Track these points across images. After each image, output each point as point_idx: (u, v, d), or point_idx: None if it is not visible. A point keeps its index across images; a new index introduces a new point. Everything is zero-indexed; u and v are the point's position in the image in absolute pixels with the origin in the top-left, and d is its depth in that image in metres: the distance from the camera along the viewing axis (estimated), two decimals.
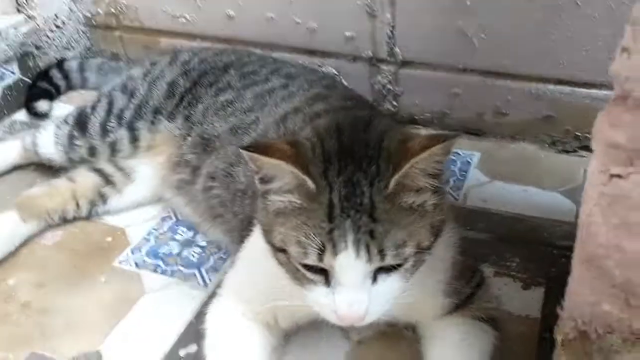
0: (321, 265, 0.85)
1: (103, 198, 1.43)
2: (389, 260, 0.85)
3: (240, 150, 0.85)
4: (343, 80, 1.67)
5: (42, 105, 1.77)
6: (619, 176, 0.64)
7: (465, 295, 1.07)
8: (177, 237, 1.40)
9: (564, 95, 1.51)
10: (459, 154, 1.59)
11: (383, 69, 1.66)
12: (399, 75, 1.65)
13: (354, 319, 0.86)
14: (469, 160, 1.57)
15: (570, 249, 1.27)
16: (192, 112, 1.40)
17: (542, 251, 1.29)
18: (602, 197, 0.67)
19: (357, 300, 0.85)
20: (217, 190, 1.28)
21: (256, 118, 1.29)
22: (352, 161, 0.86)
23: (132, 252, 1.36)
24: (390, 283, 0.87)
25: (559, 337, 0.80)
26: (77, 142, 1.47)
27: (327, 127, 0.92)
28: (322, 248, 0.83)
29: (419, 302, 0.97)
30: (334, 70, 1.69)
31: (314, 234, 0.83)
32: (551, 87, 1.52)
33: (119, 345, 1.16)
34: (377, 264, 0.84)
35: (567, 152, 1.57)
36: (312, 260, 0.85)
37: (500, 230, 1.37)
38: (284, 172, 0.85)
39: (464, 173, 1.53)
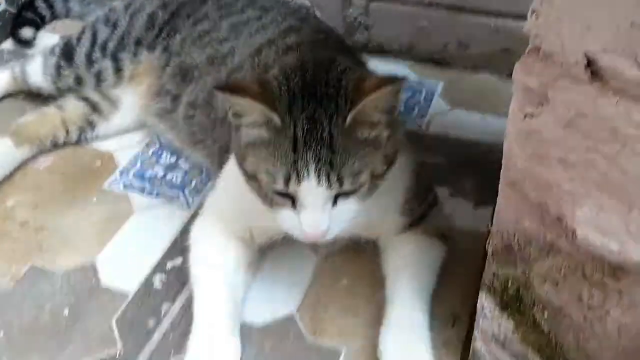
0: (287, 191, 0.97)
1: (91, 125, 1.53)
2: (346, 187, 0.97)
3: (214, 90, 0.96)
4: (317, 12, 1.74)
5: (26, 32, 1.83)
6: (531, 115, 0.76)
7: (419, 214, 1.20)
8: (161, 161, 1.50)
9: (521, 30, 1.59)
10: (423, 84, 1.69)
11: (354, 2, 1.73)
12: (369, 8, 1.72)
13: (316, 237, 1.00)
14: (433, 89, 1.68)
15: None
16: (170, 42, 1.48)
17: (494, 172, 1.40)
18: (519, 133, 0.79)
19: (319, 220, 0.98)
20: (198, 118, 1.38)
21: (232, 48, 1.37)
22: (314, 98, 0.97)
23: (120, 175, 1.46)
24: (348, 205, 1.00)
25: (489, 249, 0.94)
26: (65, 72, 1.55)
27: (293, 67, 1.02)
28: (288, 176, 0.95)
29: (378, 221, 1.11)
30: (307, 2, 1.76)
31: (280, 164, 0.95)
32: (509, 21, 1.61)
33: (112, 259, 1.28)
34: (336, 190, 0.96)
35: None
36: (279, 186, 0.97)
37: (458, 154, 1.49)
38: (253, 109, 0.95)
39: (428, 102, 1.64)
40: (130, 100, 1.53)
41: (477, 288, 1.00)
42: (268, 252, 1.27)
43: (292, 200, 0.99)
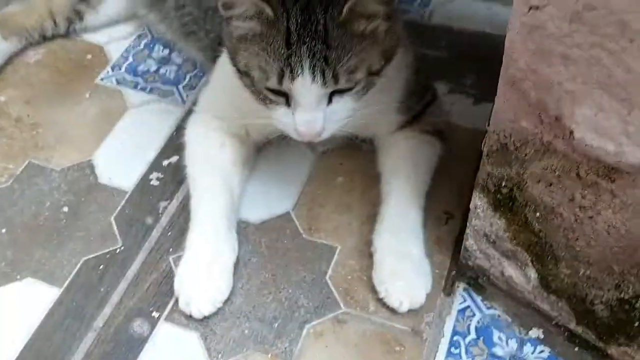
0: (281, 88, 0.94)
1: (79, 15, 1.47)
2: (342, 84, 0.94)
3: None
4: None
5: None
6: (536, 7, 0.71)
7: (417, 111, 1.18)
8: (154, 54, 1.46)
9: None
10: None
11: None
12: None
13: (311, 135, 0.98)
14: None
15: None
16: None
17: (497, 69, 1.37)
18: (523, 26, 0.75)
19: (313, 118, 0.96)
20: (189, 8, 1.33)
21: None
22: None
23: (112, 69, 1.43)
24: (343, 103, 0.97)
25: (485, 149, 0.93)
26: None
27: None
28: (281, 73, 0.92)
29: (374, 119, 1.08)
30: None
31: (273, 60, 0.92)
32: None
33: (108, 156, 1.28)
34: (331, 87, 0.93)
35: None
36: (272, 84, 0.94)
37: (461, 48, 1.43)
38: (244, 0, 0.90)
39: None
40: None
41: (472, 187, 0.99)
42: (264, 150, 1.26)
43: (286, 98, 0.96)
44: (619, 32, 0.67)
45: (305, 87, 0.92)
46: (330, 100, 0.96)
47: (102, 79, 1.41)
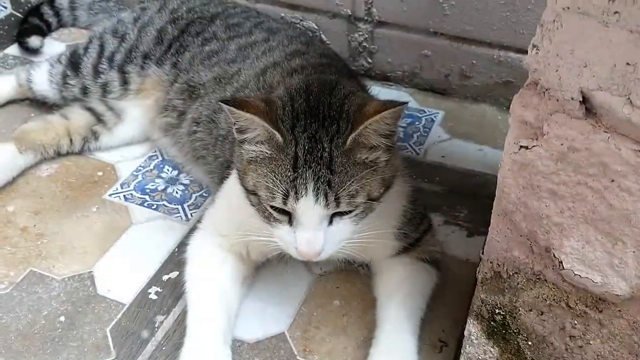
0: (285, 207, 0.99)
1: (95, 135, 1.55)
2: (343, 207, 1.00)
3: (220, 104, 0.99)
4: (322, 36, 1.79)
5: (34, 41, 1.85)
6: (526, 147, 0.79)
7: (413, 239, 1.23)
8: (163, 175, 1.53)
9: (523, 63, 1.63)
10: (424, 111, 1.73)
11: (360, 27, 1.77)
12: (374, 34, 1.76)
13: (311, 255, 1.02)
14: (433, 118, 1.71)
15: None
16: (179, 59, 1.51)
17: (488, 204, 1.42)
18: (514, 164, 0.81)
19: (314, 238, 1.00)
20: (201, 134, 1.41)
21: (238, 70, 1.41)
22: (316, 120, 1.00)
23: (121, 187, 1.49)
24: (343, 226, 1.03)
25: (479, 276, 0.97)
26: (71, 82, 1.58)
27: (298, 88, 1.05)
28: (287, 193, 0.98)
29: (372, 243, 1.11)
30: (314, 25, 1.80)
31: (280, 181, 0.98)
32: (512, 54, 1.65)
33: (109, 269, 1.30)
34: (332, 209, 0.99)
35: None
36: (278, 203, 0.99)
37: (454, 184, 1.51)
38: (256, 125, 0.98)
39: (427, 130, 1.67)
40: (136, 113, 1.56)
41: (466, 314, 1.02)
42: (263, 268, 1.29)
43: (290, 217, 1.01)
44: (601, 172, 0.74)
45: (308, 207, 0.98)
46: (330, 222, 1.01)
47: (110, 195, 1.47)
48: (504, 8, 1.59)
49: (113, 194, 1.47)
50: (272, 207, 1.02)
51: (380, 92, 1.47)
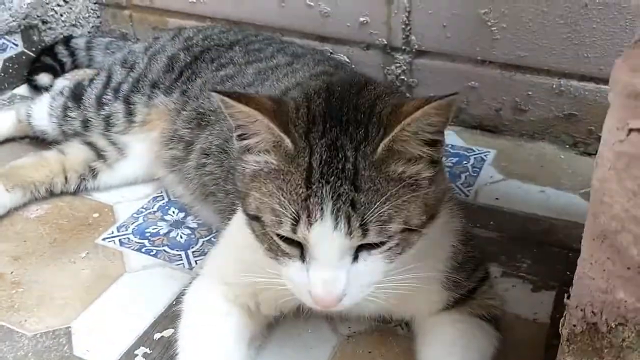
0: (295, 237, 0.76)
1: (93, 172, 1.37)
2: (372, 237, 0.76)
3: (212, 93, 0.78)
4: (354, 68, 1.59)
5: (43, 78, 1.72)
6: (639, 131, 0.55)
7: (466, 289, 0.98)
8: (167, 217, 1.33)
9: (588, 93, 1.41)
10: (472, 150, 1.50)
11: (397, 58, 1.57)
12: (413, 65, 1.56)
13: (329, 301, 0.78)
14: (484, 157, 1.48)
15: None
16: (190, 86, 1.34)
17: (555, 253, 1.20)
18: (619, 158, 0.57)
19: (333, 278, 0.76)
20: (210, 167, 1.22)
21: (256, 92, 1.22)
22: (338, 124, 0.78)
23: (118, 230, 1.29)
24: (372, 263, 0.79)
25: (564, 332, 0.71)
26: (71, 114, 1.42)
27: (317, 89, 0.85)
28: (297, 217, 0.75)
29: (415, 293, 0.87)
30: (345, 58, 1.62)
31: (288, 201, 0.75)
32: (575, 83, 1.42)
33: (91, 324, 1.09)
34: (357, 239, 0.75)
35: (589, 154, 1.46)
36: (285, 230, 0.77)
37: (511, 229, 1.27)
38: (260, 127, 0.78)
39: (476, 170, 1.44)
40: (140, 148, 1.38)
41: None
42: (276, 327, 1.05)
43: (302, 250, 0.78)
44: None
45: (325, 236, 0.75)
46: (355, 258, 0.78)
47: (104, 239, 1.27)
48: (564, 29, 1.38)
49: (107, 237, 1.27)
50: (279, 236, 0.79)
51: None
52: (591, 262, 0.65)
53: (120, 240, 1.26)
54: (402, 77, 1.58)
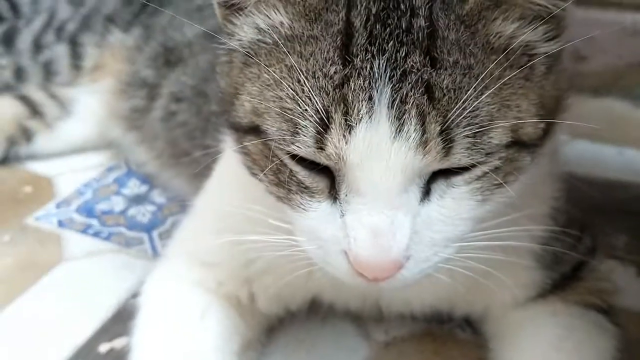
0: (321, 156, 0.46)
1: (27, 134, 1.10)
2: (460, 155, 0.46)
3: None
4: None
5: None
6: None
7: (570, 267, 0.67)
8: (125, 191, 1.05)
9: None
10: None
11: None
12: None
13: (383, 267, 0.48)
14: None
15: None
16: (154, 20, 1.08)
17: None
18: None
19: (389, 225, 0.47)
20: (183, 116, 0.96)
21: None
22: None
23: (57, 207, 1.01)
24: (455, 203, 0.49)
25: None
26: (1, 62, 1.13)
27: None
28: (325, 118, 0.45)
29: (493, 272, 0.57)
30: None
31: (310, 90, 0.45)
32: None
33: (13, 333, 0.80)
34: (436, 159, 0.46)
35: None
36: (304, 143, 0.46)
37: (594, 199, 0.96)
38: None
39: None
40: (89, 102, 1.11)
41: None
42: (280, 331, 0.74)
43: (332, 181, 0.48)
44: None
45: (377, 149, 0.45)
46: (427, 193, 0.48)
47: (36, 219, 0.97)
48: None
49: (42, 217, 0.97)
50: (292, 157, 0.48)
51: None
52: None
53: (58, 220, 0.97)
54: None
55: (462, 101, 0.44)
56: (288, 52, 0.47)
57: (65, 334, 0.78)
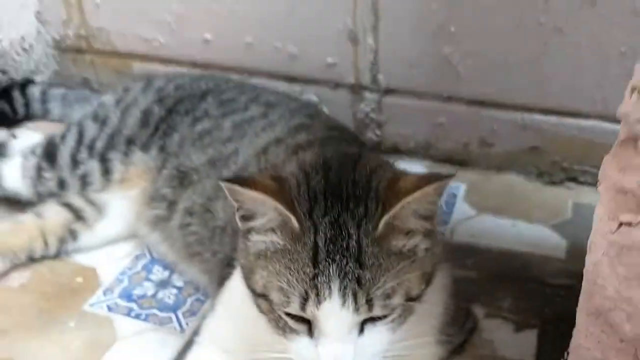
0: (304, 315, 0.79)
1: (73, 235, 1.34)
2: (377, 311, 0.79)
3: (220, 183, 0.80)
4: (324, 108, 1.62)
5: None
6: (629, 224, 0.59)
7: (459, 342, 1.02)
8: (152, 277, 1.31)
9: (551, 126, 1.48)
10: None
11: (366, 97, 1.61)
12: (382, 103, 1.60)
13: None
14: (455, 192, 1.52)
15: (563, 287, 1.23)
16: (167, 142, 1.33)
17: (534, 289, 1.24)
18: (611, 247, 0.62)
19: (342, 352, 0.79)
20: (195, 227, 1.21)
21: (235, 149, 1.23)
22: (338, 200, 0.81)
23: (104, 294, 1.27)
24: (378, 334, 0.82)
25: None
26: (46, 175, 1.39)
27: (314, 163, 0.87)
28: (305, 296, 0.78)
29: (411, 354, 0.90)
30: (315, 98, 1.64)
31: (296, 280, 0.78)
32: (537, 116, 1.48)
33: None
34: (364, 314, 0.79)
35: (554, 183, 1.53)
36: (294, 309, 0.79)
37: (490, 267, 1.31)
38: (267, 209, 0.80)
39: (450, 206, 1.48)
40: (119, 206, 1.36)
41: None
42: None
43: (310, 326, 0.81)
44: None
45: (334, 313, 0.78)
46: (361, 331, 0.81)
47: (91, 305, 1.25)
48: (526, 66, 1.44)
49: (95, 303, 1.25)
50: (287, 314, 0.81)
51: None
52: (586, 334, 0.69)
53: (107, 305, 1.24)
54: (372, 115, 1.62)
55: (377, 284, 0.77)
56: (283, 257, 0.79)
57: None
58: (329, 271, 0.77)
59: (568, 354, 0.74)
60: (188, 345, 1.08)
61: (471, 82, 1.50)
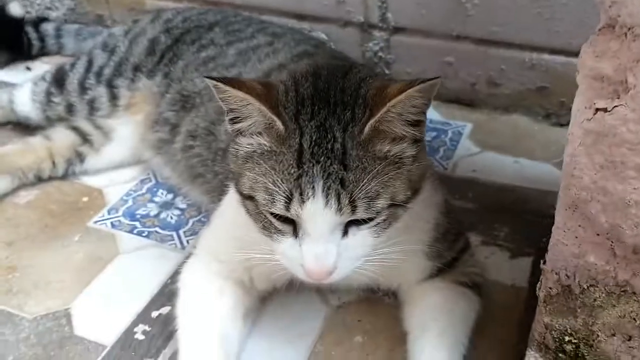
0: (288, 214, 0.81)
1: (80, 157, 1.39)
2: (360, 213, 0.80)
3: (205, 79, 0.82)
4: (333, 47, 1.62)
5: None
6: (604, 110, 0.60)
7: (449, 259, 1.03)
8: (156, 199, 1.35)
9: (559, 65, 1.46)
10: (449, 124, 1.55)
11: (375, 35, 1.61)
12: (391, 42, 1.60)
13: (321, 274, 0.82)
14: (460, 130, 1.53)
15: None
16: (172, 68, 1.36)
17: (531, 221, 1.25)
18: (587, 135, 0.62)
19: (324, 252, 0.81)
20: (198, 149, 1.24)
21: (239, 74, 1.25)
22: (326, 106, 0.82)
23: (109, 213, 1.31)
24: (361, 238, 0.83)
25: (541, 294, 0.76)
26: (55, 99, 1.43)
27: (304, 72, 0.88)
28: (290, 196, 0.79)
29: (400, 264, 0.91)
30: (323, 36, 1.64)
31: (281, 180, 0.80)
32: (546, 56, 1.47)
33: (90, 305, 1.12)
34: (347, 215, 0.80)
35: (561, 125, 1.52)
36: (279, 208, 0.81)
37: (489, 200, 1.32)
38: (252, 110, 0.81)
39: (454, 143, 1.49)
40: (125, 131, 1.39)
41: (516, 350, 0.81)
42: (269, 300, 1.09)
43: (294, 227, 0.83)
44: None
45: (317, 213, 0.79)
46: (345, 233, 0.82)
47: (95, 223, 1.29)
48: (535, 4, 1.42)
49: (99, 221, 1.29)
50: (272, 214, 0.83)
51: None
52: (564, 230, 0.70)
53: (112, 222, 1.28)
54: (380, 54, 1.62)
55: (360, 187, 0.78)
56: (269, 158, 0.81)
57: (127, 305, 1.10)
58: (313, 172, 0.79)
59: (547, 253, 0.75)
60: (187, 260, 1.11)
61: (479, 20, 1.49)
